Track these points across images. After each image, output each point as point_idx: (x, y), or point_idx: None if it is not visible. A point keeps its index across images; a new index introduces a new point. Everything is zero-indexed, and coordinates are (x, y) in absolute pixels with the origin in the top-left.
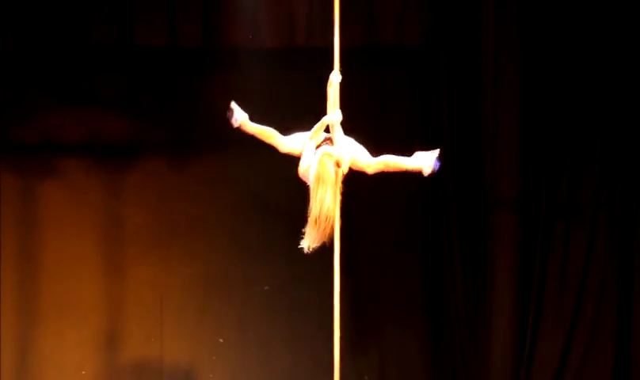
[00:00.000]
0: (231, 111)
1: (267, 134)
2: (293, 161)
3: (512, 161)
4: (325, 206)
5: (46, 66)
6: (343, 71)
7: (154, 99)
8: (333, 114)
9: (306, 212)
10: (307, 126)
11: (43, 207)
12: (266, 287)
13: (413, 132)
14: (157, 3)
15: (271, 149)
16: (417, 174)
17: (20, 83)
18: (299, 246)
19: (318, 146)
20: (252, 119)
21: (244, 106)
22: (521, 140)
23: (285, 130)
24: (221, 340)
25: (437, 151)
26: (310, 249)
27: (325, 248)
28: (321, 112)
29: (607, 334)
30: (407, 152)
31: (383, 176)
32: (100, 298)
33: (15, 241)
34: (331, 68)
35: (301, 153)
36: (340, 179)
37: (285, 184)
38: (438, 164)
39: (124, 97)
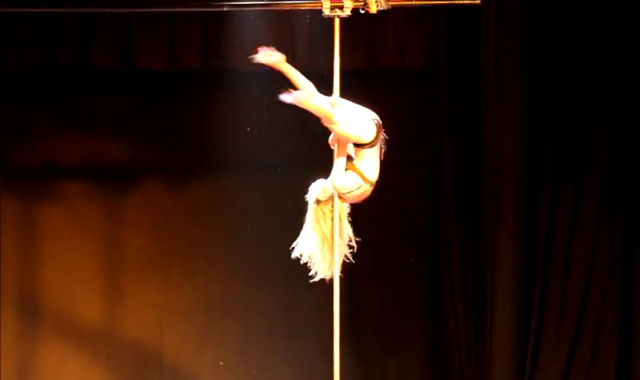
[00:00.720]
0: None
1: (301, 83)
2: (292, 183)
3: (513, 180)
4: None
5: (46, 89)
6: (344, 94)
7: (154, 122)
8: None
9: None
10: (307, 148)
11: (43, 230)
12: (221, 363)
13: (414, 154)
14: (156, 27)
15: (271, 171)
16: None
17: (21, 106)
18: (319, 277)
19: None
20: (253, 141)
21: (245, 127)
22: (522, 159)
23: (285, 152)
24: (221, 363)
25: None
26: (328, 276)
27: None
28: (322, 133)
29: (608, 356)
30: (407, 171)
31: (383, 199)
32: (100, 320)
33: (15, 264)
34: (332, 91)
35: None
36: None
37: (285, 207)
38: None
39: (124, 121)
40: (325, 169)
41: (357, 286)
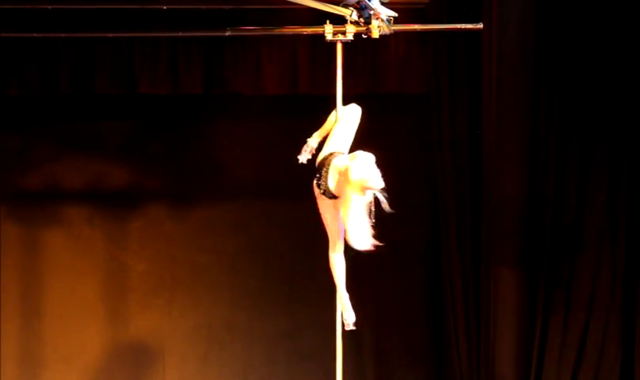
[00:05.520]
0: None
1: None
2: (295, 209)
3: (516, 204)
4: None
5: (48, 114)
6: None
7: (157, 147)
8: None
9: (307, 261)
10: (310, 174)
11: (45, 254)
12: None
13: (415, 178)
14: (159, 52)
15: (274, 198)
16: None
17: (23, 131)
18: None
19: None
20: (254, 165)
21: (246, 153)
22: (525, 183)
23: (287, 178)
24: None
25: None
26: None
27: (328, 297)
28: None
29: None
30: (408, 196)
31: (384, 222)
32: (102, 346)
33: (17, 289)
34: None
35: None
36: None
37: (287, 233)
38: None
39: (126, 146)
40: None
41: (358, 311)
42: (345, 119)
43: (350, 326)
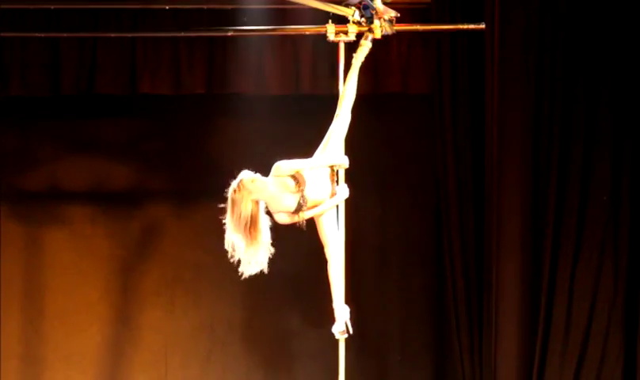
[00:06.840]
0: None
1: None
2: None
3: (518, 204)
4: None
5: (50, 114)
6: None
7: (158, 147)
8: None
9: (310, 261)
10: None
11: (47, 254)
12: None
13: (418, 178)
14: (161, 52)
15: None
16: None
17: (25, 131)
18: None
19: None
20: (256, 165)
21: (248, 153)
22: (527, 183)
23: None
24: None
25: None
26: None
27: (330, 297)
28: None
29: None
30: (411, 196)
31: (387, 222)
32: (104, 345)
33: (19, 288)
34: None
35: None
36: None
37: (290, 233)
38: None
39: (128, 145)
40: None
41: (361, 311)
42: (333, 134)
43: (336, 334)
